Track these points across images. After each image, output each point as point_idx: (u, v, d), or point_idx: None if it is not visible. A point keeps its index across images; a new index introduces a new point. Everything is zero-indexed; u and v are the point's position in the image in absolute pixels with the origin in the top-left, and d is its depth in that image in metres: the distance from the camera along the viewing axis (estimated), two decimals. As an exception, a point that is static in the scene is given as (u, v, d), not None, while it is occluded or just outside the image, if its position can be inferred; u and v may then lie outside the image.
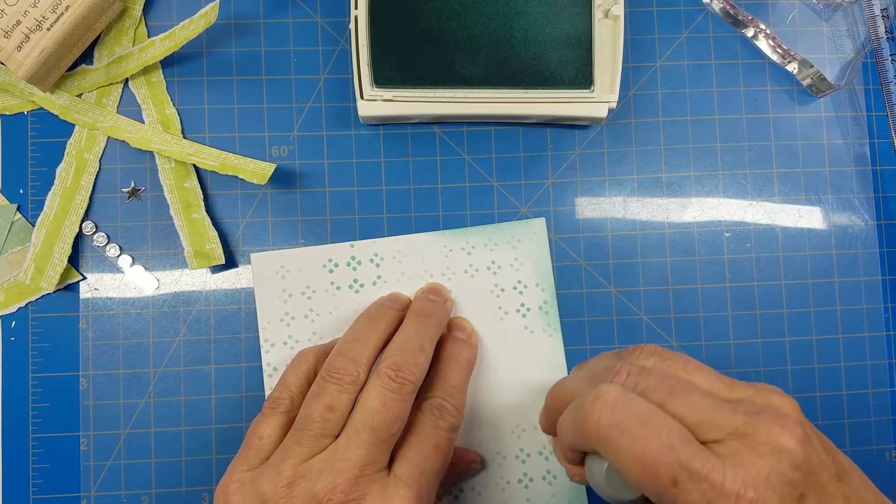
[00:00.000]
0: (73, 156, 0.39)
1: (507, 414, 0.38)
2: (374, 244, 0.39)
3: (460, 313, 0.39)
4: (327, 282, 0.39)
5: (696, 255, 0.40)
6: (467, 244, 0.39)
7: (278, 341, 0.38)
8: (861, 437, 0.40)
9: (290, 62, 0.40)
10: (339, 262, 0.39)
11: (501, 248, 0.39)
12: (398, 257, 0.39)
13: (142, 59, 0.39)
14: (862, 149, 0.41)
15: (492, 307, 0.39)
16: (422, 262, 0.39)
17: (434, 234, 0.39)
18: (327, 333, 0.38)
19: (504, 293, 0.39)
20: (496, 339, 0.39)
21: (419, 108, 0.37)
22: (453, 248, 0.39)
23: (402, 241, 0.39)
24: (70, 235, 0.38)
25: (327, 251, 0.39)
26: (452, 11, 0.38)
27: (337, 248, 0.39)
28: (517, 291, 0.39)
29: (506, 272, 0.39)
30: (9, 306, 0.38)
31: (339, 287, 0.39)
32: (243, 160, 0.39)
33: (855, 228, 0.41)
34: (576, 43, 0.38)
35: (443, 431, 0.33)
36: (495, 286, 0.39)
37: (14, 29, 0.36)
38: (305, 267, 0.39)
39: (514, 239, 0.39)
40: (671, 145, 0.41)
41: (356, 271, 0.39)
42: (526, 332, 0.39)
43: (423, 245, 0.39)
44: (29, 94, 0.39)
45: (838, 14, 0.42)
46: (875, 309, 0.41)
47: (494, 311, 0.39)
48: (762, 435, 0.25)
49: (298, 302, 0.38)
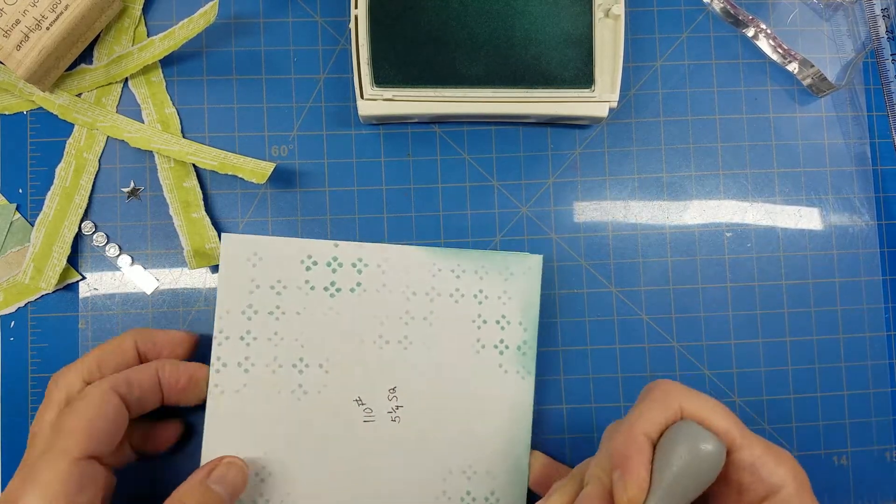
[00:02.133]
0: (73, 155, 0.39)
1: (461, 452, 0.37)
2: (360, 248, 0.37)
3: (438, 337, 0.37)
4: (302, 279, 0.36)
5: (696, 254, 0.40)
6: (458, 266, 0.38)
7: (234, 335, 0.36)
8: (861, 437, 0.40)
9: (290, 62, 0.40)
10: (318, 259, 0.37)
11: (492, 277, 0.38)
12: (383, 266, 0.37)
13: (141, 59, 0.38)
14: (862, 149, 0.41)
15: (470, 338, 0.37)
16: (406, 276, 0.37)
17: (425, 249, 0.38)
18: (290, 336, 0.36)
19: (485, 325, 0.37)
20: (468, 371, 0.37)
21: (419, 107, 0.37)
22: (443, 267, 0.37)
23: (390, 250, 0.37)
24: (69, 235, 0.38)
25: (308, 246, 0.37)
26: (453, 11, 0.37)
27: (319, 245, 0.37)
28: (499, 326, 0.38)
29: (492, 303, 0.37)
30: (8, 306, 0.38)
31: (314, 287, 0.37)
32: (242, 159, 0.39)
33: (855, 228, 0.41)
34: (576, 42, 0.38)
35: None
36: (478, 316, 0.37)
37: (13, 28, 0.36)
38: (281, 258, 0.36)
39: (506, 270, 0.38)
40: (672, 145, 0.41)
41: (335, 273, 0.37)
42: (500, 370, 0.37)
43: (412, 258, 0.37)
44: (28, 94, 0.38)
45: (839, 14, 0.42)
46: (875, 309, 0.40)
47: (472, 342, 0.37)
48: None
49: (265, 295, 0.36)
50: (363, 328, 0.37)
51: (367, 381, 0.37)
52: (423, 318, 0.37)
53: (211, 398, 0.36)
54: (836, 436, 0.40)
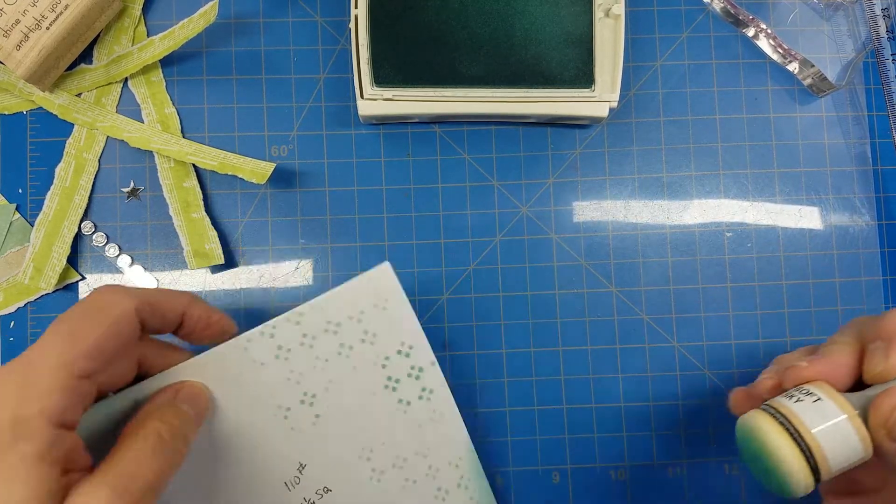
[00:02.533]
0: (73, 155, 0.39)
1: (426, 482, 0.35)
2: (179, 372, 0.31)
3: (348, 402, 0.33)
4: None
5: (696, 255, 0.40)
6: (329, 324, 0.33)
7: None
8: (862, 437, 0.40)
9: (290, 62, 0.40)
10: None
11: (368, 313, 0.33)
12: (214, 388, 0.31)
13: (141, 59, 0.38)
14: (863, 148, 0.41)
15: (380, 380, 0.34)
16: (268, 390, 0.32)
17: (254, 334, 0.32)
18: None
19: (389, 361, 0.34)
20: (400, 413, 0.34)
21: (419, 107, 0.37)
22: (315, 334, 0.33)
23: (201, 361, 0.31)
24: (69, 235, 0.38)
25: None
26: (453, 10, 0.37)
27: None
28: (403, 355, 0.34)
29: (384, 338, 0.34)
30: (8, 306, 0.38)
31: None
32: (242, 159, 0.39)
33: (855, 228, 0.41)
34: (576, 42, 0.38)
35: None
36: (377, 356, 0.33)
37: (13, 28, 0.36)
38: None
39: (365, 301, 0.33)
40: (672, 145, 0.41)
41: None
42: (402, 405, 0.34)
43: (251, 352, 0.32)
44: (28, 94, 0.38)
45: (839, 14, 0.42)
46: (876, 309, 0.40)
47: (384, 382, 0.34)
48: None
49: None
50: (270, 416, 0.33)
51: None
52: (325, 389, 0.33)
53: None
54: (836, 436, 0.40)
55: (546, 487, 0.39)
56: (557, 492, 0.39)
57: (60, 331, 0.27)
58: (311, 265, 0.39)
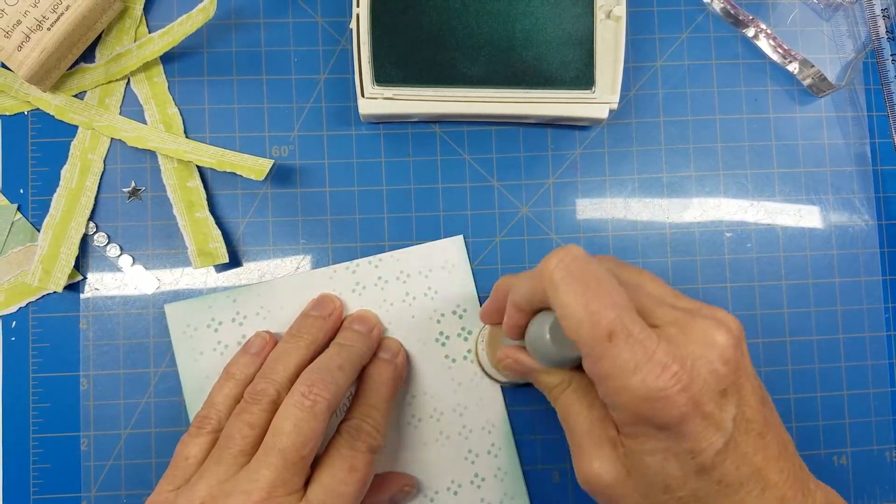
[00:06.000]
0: (78, 157, 0.39)
1: (458, 441, 0.38)
2: (259, 289, 0.38)
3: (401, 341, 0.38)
4: (214, 341, 0.38)
5: (696, 255, 0.40)
6: (402, 273, 0.38)
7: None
8: (861, 437, 0.40)
9: (290, 62, 0.40)
10: (223, 319, 0.38)
11: (436, 272, 0.39)
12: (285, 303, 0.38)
13: (141, 56, 0.38)
14: (862, 149, 0.41)
15: (431, 334, 0.38)
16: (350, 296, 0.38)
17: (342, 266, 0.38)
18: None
19: (444, 318, 0.38)
20: (444, 367, 0.38)
21: (420, 106, 0.37)
22: (389, 279, 0.38)
23: (280, 284, 0.38)
24: (76, 236, 0.38)
25: (214, 303, 0.38)
26: (454, 10, 0.38)
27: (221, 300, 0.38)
28: (457, 315, 0.39)
29: (444, 296, 0.38)
30: (9, 306, 0.38)
31: (227, 346, 0.38)
32: (241, 157, 0.39)
33: (855, 228, 0.41)
34: (577, 43, 0.38)
35: (360, 453, 0.32)
36: (434, 311, 0.38)
37: (14, 28, 0.36)
38: (198, 323, 0.38)
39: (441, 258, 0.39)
40: (672, 145, 0.41)
41: (242, 327, 0.38)
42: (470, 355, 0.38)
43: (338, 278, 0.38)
44: (24, 95, 0.38)
45: (839, 14, 0.42)
46: (875, 309, 0.41)
47: (436, 336, 0.38)
48: (698, 329, 0.27)
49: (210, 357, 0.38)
50: None
51: None
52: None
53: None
54: (835, 436, 0.40)
55: (546, 487, 0.39)
56: (557, 492, 0.39)
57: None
58: (311, 265, 0.39)
